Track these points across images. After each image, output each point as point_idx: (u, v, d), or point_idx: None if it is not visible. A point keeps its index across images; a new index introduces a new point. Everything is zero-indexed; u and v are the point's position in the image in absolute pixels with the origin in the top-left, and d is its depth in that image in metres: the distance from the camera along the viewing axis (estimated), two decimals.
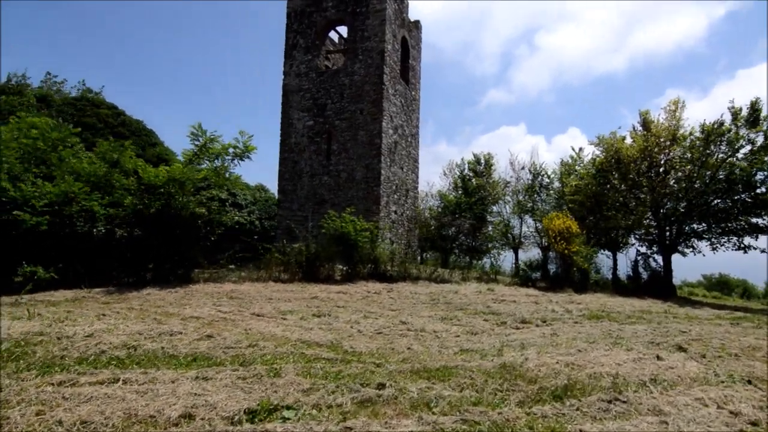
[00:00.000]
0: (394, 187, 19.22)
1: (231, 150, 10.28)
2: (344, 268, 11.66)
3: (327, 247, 11.25)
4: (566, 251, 13.87)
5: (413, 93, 21.91)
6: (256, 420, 3.05)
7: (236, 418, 3.01)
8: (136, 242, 9.36)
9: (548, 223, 14.71)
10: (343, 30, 20.99)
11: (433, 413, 3.46)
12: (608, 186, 18.94)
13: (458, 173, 30.85)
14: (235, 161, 10.50)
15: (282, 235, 17.19)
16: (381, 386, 3.97)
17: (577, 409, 3.75)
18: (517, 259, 27.54)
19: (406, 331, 6.41)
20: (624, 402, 3.98)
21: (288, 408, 3.31)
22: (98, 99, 22.21)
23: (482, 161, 30.60)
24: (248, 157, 10.56)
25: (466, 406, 3.63)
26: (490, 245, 31.37)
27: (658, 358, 5.82)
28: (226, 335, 5.34)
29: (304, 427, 2.94)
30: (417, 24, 22.84)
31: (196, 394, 3.37)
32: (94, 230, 9.19)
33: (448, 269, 23.83)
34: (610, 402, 3.95)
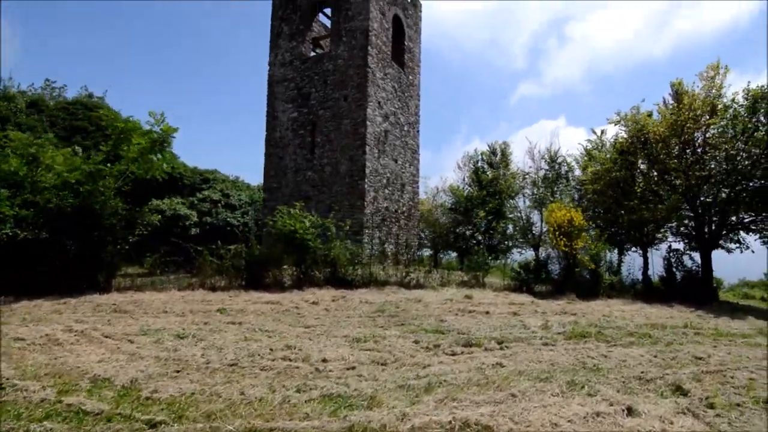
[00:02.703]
0: (384, 181, 17.47)
1: (149, 137, 9.04)
2: (295, 273, 10.12)
3: (272, 249, 9.76)
4: (567, 248, 11.59)
5: (410, 77, 20.03)
6: None
7: None
8: (41, 245, 8.27)
9: (548, 215, 12.45)
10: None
11: None
12: (634, 171, 16.23)
13: (472, 166, 28.56)
14: (155, 149, 9.24)
15: (266, 236, 15.98)
16: None
17: None
18: (537, 258, 24.95)
19: (281, 360, 4.76)
20: None
21: None
22: (93, 102, 22.06)
23: (497, 152, 28.13)
24: (172, 139, 9.35)
25: None
26: (509, 243, 28.93)
27: (630, 411, 3.84)
28: None
29: None
30: (415, 2, 20.94)
31: None
32: None
33: (462, 271, 21.72)
34: None
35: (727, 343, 6.99)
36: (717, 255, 16.06)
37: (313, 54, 19.15)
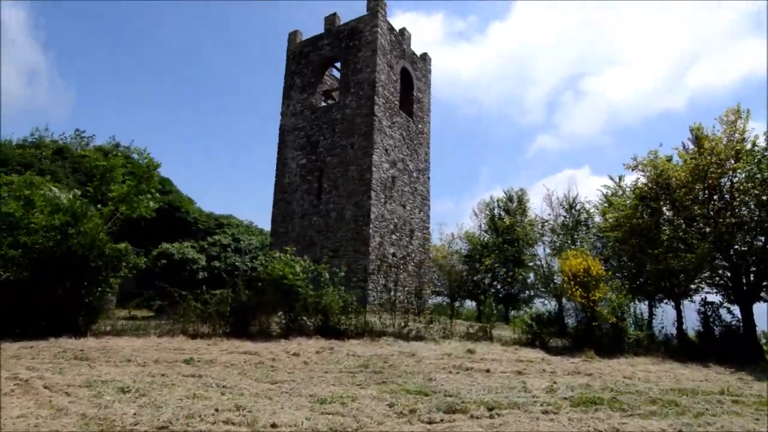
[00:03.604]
0: (392, 227, 17.03)
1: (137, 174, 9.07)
2: (284, 321, 9.52)
3: (260, 295, 9.26)
4: (583, 300, 10.56)
5: (420, 126, 20.17)
6: None
7: None
8: (23, 286, 8.08)
9: (562, 263, 11.56)
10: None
11: None
12: (658, 219, 15.21)
13: (488, 212, 27.87)
14: (142, 188, 9.22)
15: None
16: None
17: None
18: (560, 308, 23.30)
19: (222, 424, 4.10)
20: None
21: None
22: (118, 150, 23.11)
23: (514, 198, 27.48)
24: (154, 175, 9.36)
25: None
26: (531, 293, 27.50)
27: None
28: None
29: None
30: (424, 56, 21.59)
31: None
32: None
33: (480, 323, 20.46)
34: None
35: None
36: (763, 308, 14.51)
37: (323, 104, 19.69)
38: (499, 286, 27.88)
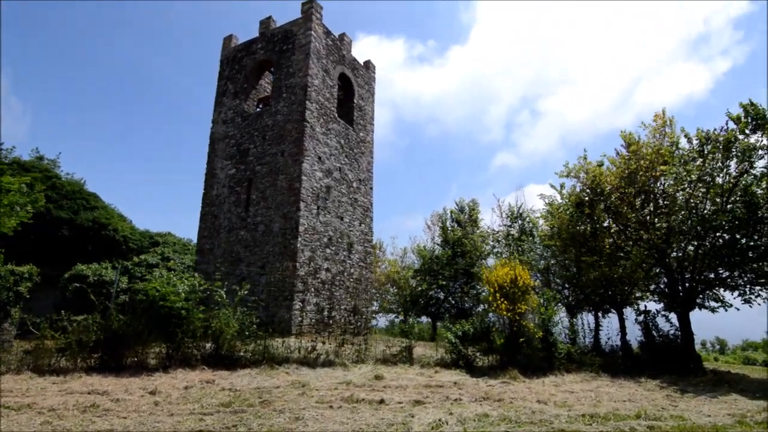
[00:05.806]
0: (326, 240, 15.95)
1: None
2: (164, 350, 8.20)
3: (136, 320, 7.93)
4: (509, 313, 9.81)
5: (361, 134, 19.38)
6: None
7: None
8: None
9: (489, 274, 10.81)
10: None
11: None
12: (595, 225, 14.87)
13: (440, 225, 27.25)
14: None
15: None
16: None
17: None
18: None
19: None
20: None
21: None
22: (32, 164, 21.11)
23: (466, 209, 27.02)
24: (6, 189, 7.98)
25: None
26: (486, 306, 26.86)
27: None
28: None
29: None
30: (368, 64, 20.98)
31: None
32: None
33: (434, 341, 19.48)
34: None
35: None
36: (723, 314, 14.22)
37: (258, 109, 18.62)
38: (453, 301, 27.12)
